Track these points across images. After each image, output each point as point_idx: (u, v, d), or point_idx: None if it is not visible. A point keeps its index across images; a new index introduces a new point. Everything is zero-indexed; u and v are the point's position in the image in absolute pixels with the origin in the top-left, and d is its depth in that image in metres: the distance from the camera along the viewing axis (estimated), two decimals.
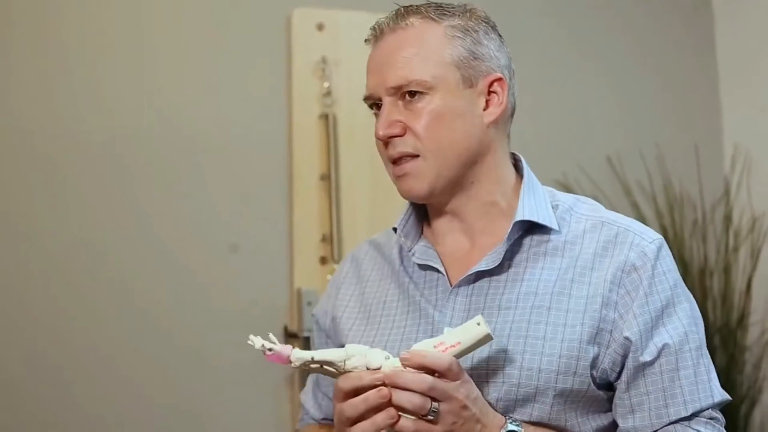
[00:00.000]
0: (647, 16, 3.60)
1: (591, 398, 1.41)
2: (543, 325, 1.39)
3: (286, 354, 1.34)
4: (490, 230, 1.47)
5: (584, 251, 1.44)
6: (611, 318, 1.39)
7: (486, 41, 1.48)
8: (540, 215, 1.45)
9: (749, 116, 3.57)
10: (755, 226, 3.42)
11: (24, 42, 2.85)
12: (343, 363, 1.33)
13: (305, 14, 3.08)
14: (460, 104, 1.44)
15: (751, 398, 3.29)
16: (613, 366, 1.40)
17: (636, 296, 1.39)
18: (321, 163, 3.05)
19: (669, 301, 1.40)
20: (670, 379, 1.38)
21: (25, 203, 2.81)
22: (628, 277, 1.40)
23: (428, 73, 1.42)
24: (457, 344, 1.32)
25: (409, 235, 1.53)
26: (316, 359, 1.34)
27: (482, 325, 1.32)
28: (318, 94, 3.05)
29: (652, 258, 1.41)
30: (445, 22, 1.46)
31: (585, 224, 1.47)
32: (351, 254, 1.69)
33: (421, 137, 1.43)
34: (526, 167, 1.52)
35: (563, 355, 1.38)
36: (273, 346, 1.34)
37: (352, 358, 1.33)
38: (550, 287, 1.42)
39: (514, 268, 1.45)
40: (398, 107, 1.44)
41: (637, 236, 1.44)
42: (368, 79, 1.48)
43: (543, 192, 1.50)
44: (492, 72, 1.46)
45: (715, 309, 3.32)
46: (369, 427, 1.31)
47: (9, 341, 2.75)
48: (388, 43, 1.45)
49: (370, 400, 1.31)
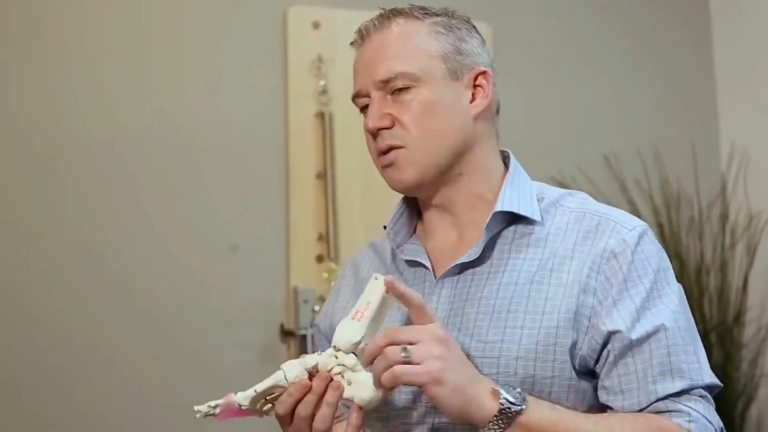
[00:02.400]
0: (645, 16, 3.61)
1: (577, 390, 1.40)
2: (521, 314, 1.39)
3: (232, 401, 1.36)
4: (477, 223, 1.48)
5: (565, 241, 1.44)
6: (590, 303, 1.39)
7: (468, 38, 1.50)
8: (521, 206, 1.46)
9: (746, 115, 3.58)
10: (751, 223, 3.42)
11: (24, 44, 2.86)
12: (285, 380, 1.35)
13: (301, 12, 3.08)
14: (447, 95, 1.46)
15: (748, 395, 3.29)
16: (591, 353, 1.39)
17: (615, 282, 1.39)
18: (317, 161, 3.05)
19: (652, 286, 1.39)
20: (659, 356, 1.37)
21: (24, 203, 2.83)
22: (607, 264, 1.40)
23: (415, 66, 1.44)
24: (368, 305, 1.35)
25: (400, 232, 1.54)
26: (259, 390, 1.36)
27: (379, 278, 1.36)
28: (314, 93, 3.05)
29: (632, 244, 1.41)
30: (429, 20, 1.49)
31: (569, 216, 1.47)
32: (353, 258, 1.69)
33: (409, 128, 1.44)
34: (513, 161, 1.53)
35: (540, 341, 1.37)
36: (216, 402, 1.36)
37: (291, 371, 1.35)
38: (530, 276, 1.42)
39: (497, 259, 1.45)
40: (387, 101, 1.46)
41: (618, 224, 1.43)
42: (356, 78, 1.49)
43: (530, 185, 1.51)
44: (476, 66, 1.49)
45: (712, 306, 3.32)
46: (327, 410, 1.33)
47: (9, 341, 2.77)
48: (374, 42, 1.48)
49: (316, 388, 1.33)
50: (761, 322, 3.41)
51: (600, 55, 3.53)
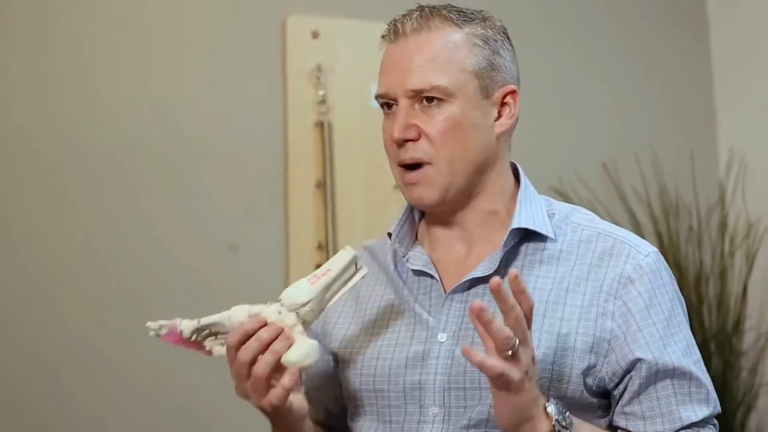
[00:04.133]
0: (643, 21, 3.61)
1: (583, 405, 1.41)
2: (537, 333, 1.38)
3: (176, 326, 1.39)
4: (488, 238, 1.47)
5: (580, 261, 1.44)
6: (609, 327, 1.39)
7: (503, 52, 1.47)
8: (536, 223, 1.45)
9: (744, 122, 3.58)
10: (750, 231, 3.42)
11: (22, 46, 2.86)
12: (229, 319, 1.37)
13: (300, 22, 3.08)
14: (476, 114, 1.44)
15: (747, 404, 3.29)
16: (612, 377, 1.40)
17: (635, 309, 1.40)
18: (316, 170, 3.05)
19: (671, 314, 1.41)
20: (681, 386, 1.40)
21: (23, 204, 2.82)
22: (624, 289, 1.41)
23: (449, 80, 1.41)
24: (327, 272, 1.37)
25: (404, 240, 1.52)
26: (203, 323, 1.38)
27: (348, 248, 1.38)
28: (313, 102, 3.05)
29: (649, 271, 1.42)
30: (467, 29, 1.44)
31: (581, 234, 1.47)
32: None
33: (436, 144, 1.42)
34: (523, 176, 1.52)
35: (556, 362, 1.38)
36: (162, 323, 1.39)
37: (236, 314, 1.37)
38: (545, 295, 1.41)
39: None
40: (415, 111, 1.43)
41: (633, 249, 1.44)
42: (384, 77, 1.45)
43: (539, 200, 1.50)
44: (507, 83, 1.47)
45: (711, 314, 3.32)
46: (269, 356, 1.32)
47: (10, 342, 2.77)
48: (410, 45, 1.43)
49: (263, 337, 1.33)
50: (760, 330, 3.41)
51: (597, 62, 3.52)
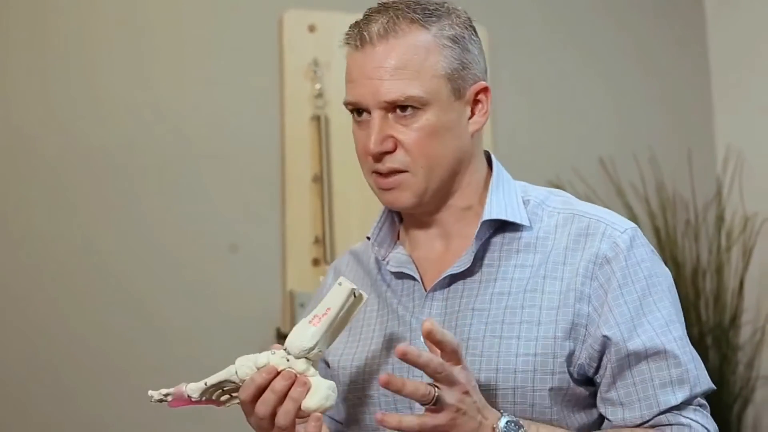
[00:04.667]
0: (641, 19, 3.62)
1: (572, 395, 1.39)
2: (517, 325, 1.37)
3: (182, 391, 1.34)
4: (464, 233, 1.45)
5: (556, 246, 1.42)
6: (585, 312, 1.37)
7: (471, 47, 1.44)
8: (509, 212, 1.43)
9: (741, 117, 3.59)
10: (747, 226, 3.43)
11: (22, 46, 2.87)
12: (236, 374, 1.32)
13: (296, 16, 3.08)
14: (451, 117, 1.41)
15: (744, 398, 3.29)
16: (590, 361, 1.38)
17: (609, 288, 1.37)
18: (313, 164, 3.05)
19: (645, 292, 1.38)
20: (658, 368, 1.36)
21: (23, 205, 2.83)
22: (601, 270, 1.38)
23: (423, 89, 1.38)
24: (327, 311, 1.31)
25: (384, 242, 1.50)
26: (210, 383, 1.34)
27: (344, 283, 1.31)
28: (310, 96, 3.05)
29: (625, 249, 1.39)
30: (434, 29, 1.41)
31: (557, 218, 1.44)
32: (333, 265, 1.66)
33: (413, 153, 1.40)
34: (496, 163, 1.49)
35: (538, 353, 1.36)
36: (166, 391, 1.34)
37: (242, 368, 1.32)
38: (523, 285, 1.40)
39: (487, 268, 1.43)
40: (388, 121, 1.40)
41: (609, 227, 1.41)
42: (353, 86, 1.42)
43: (514, 188, 1.48)
44: (477, 79, 1.44)
45: (708, 309, 3.32)
46: (290, 405, 1.29)
47: (9, 342, 2.78)
48: (378, 52, 1.39)
49: (278, 387, 1.30)
50: (757, 325, 3.41)
51: (596, 60, 3.53)
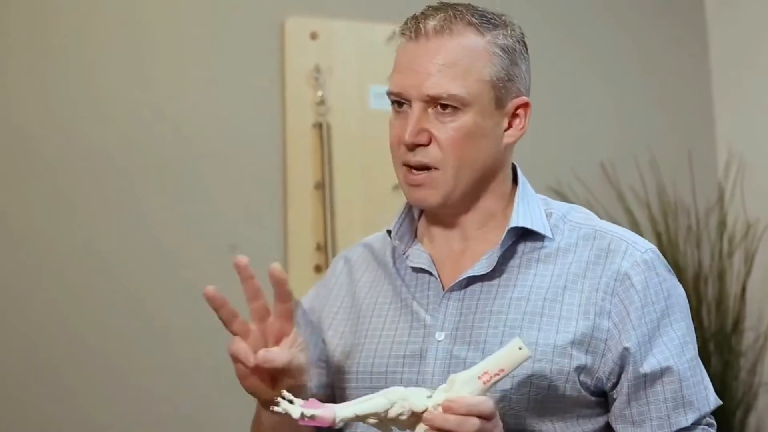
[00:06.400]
0: (641, 21, 3.62)
1: (582, 403, 1.41)
2: (535, 332, 1.39)
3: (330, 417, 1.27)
4: (485, 238, 1.47)
5: (577, 258, 1.44)
6: (605, 327, 1.40)
7: (520, 62, 1.48)
8: (534, 222, 1.46)
9: (743, 122, 3.58)
10: (749, 231, 3.42)
11: (22, 46, 2.87)
12: (386, 413, 1.28)
13: (298, 23, 3.08)
14: (488, 125, 1.43)
15: (747, 404, 3.29)
16: (609, 375, 1.40)
17: (631, 307, 1.40)
18: (315, 171, 3.05)
19: (664, 312, 1.41)
20: (672, 390, 1.40)
21: (23, 205, 2.83)
22: (622, 286, 1.41)
23: (466, 90, 1.40)
24: (500, 372, 1.28)
25: (404, 237, 1.52)
26: (359, 415, 1.28)
27: (524, 349, 1.28)
28: (311, 103, 3.05)
29: (646, 268, 1.42)
30: (488, 36, 1.44)
31: (578, 232, 1.47)
32: (343, 255, 1.65)
33: (446, 151, 1.41)
34: (521, 175, 1.53)
35: (555, 361, 1.38)
36: (314, 412, 1.26)
37: (394, 406, 1.28)
38: (543, 293, 1.42)
39: (506, 273, 1.45)
40: (428, 115, 1.42)
41: (631, 246, 1.44)
42: (399, 76, 1.44)
43: (537, 200, 1.51)
44: (520, 94, 1.47)
45: (710, 314, 3.32)
46: None
47: (10, 342, 2.78)
48: (430, 46, 1.41)
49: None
50: (759, 330, 3.40)
51: (596, 61, 3.53)
